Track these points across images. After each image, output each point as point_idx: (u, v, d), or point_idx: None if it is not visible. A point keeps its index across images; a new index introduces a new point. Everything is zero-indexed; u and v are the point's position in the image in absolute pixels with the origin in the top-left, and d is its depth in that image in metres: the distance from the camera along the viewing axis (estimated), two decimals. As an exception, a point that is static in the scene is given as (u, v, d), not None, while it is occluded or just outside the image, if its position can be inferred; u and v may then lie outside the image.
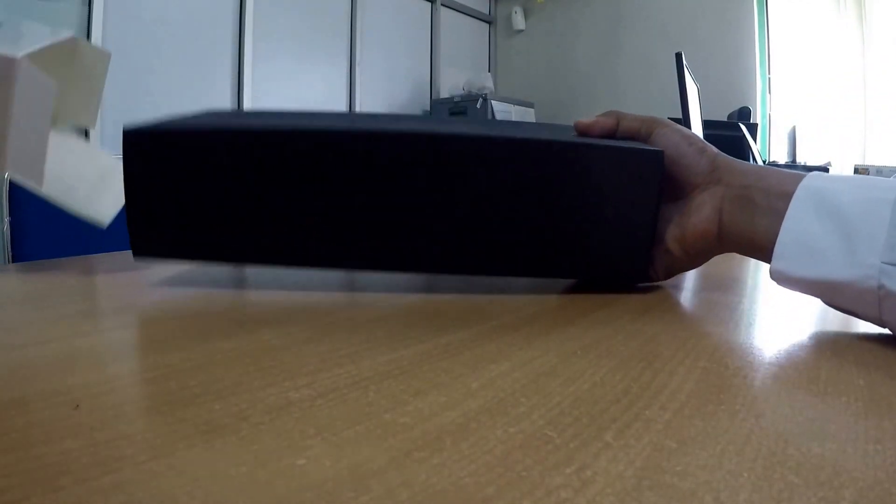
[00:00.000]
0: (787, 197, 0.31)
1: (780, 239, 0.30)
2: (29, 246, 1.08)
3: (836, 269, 0.28)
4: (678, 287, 0.42)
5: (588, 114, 0.41)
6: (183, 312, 0.32)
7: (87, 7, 2.02)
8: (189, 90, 2.40)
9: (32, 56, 0.36)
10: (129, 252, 0.37)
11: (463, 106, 3.40)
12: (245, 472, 0.15)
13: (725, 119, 2.55)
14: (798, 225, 0.30)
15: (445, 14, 3.71)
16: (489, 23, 4.09)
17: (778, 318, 0.34)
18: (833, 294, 0.30)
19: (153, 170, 0.36)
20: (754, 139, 2.20)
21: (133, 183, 0.36)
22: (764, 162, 2.41)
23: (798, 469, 0.15)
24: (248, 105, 2.63)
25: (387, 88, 3.38)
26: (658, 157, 0.36)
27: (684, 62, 1.33)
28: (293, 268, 0.39)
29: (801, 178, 0.31)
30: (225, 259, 0.38)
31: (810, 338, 0.29)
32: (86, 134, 2.05)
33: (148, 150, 0.36)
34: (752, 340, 0.28)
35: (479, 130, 0.37)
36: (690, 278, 0.46)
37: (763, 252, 0.32)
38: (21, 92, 0.34)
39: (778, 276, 0.31)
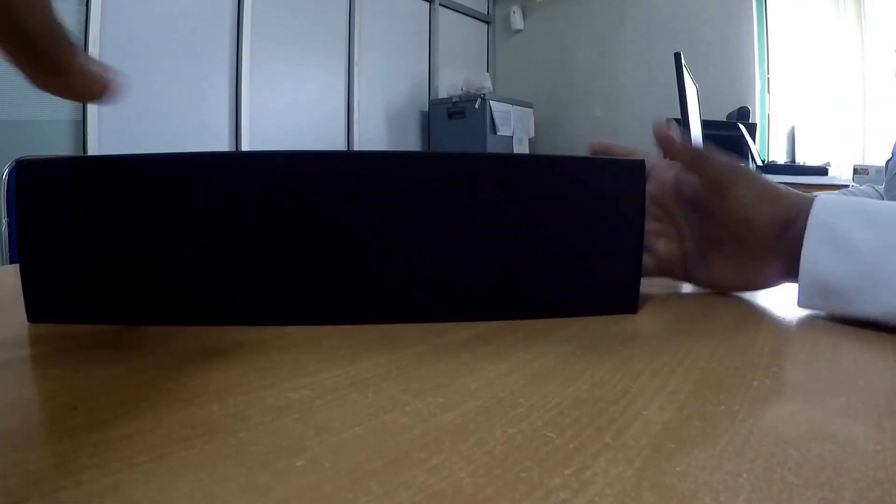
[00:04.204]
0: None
1: (801, 280, 0.32)
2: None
3: (860, 308, 0.30)
4: (677, 288, 0.42)
5: (586, 113, 0.40)
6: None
7: (84, 7, 2.02)
8: (186, 91, 2.39)
9: None
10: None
11: (461, 106, 3.40)
12: (243, 474, 0.15)
13: (724, 119, 2.55)
14: (816, 266, 0.31)
15: (444, 14, 3.71)
16: (487, 23, 4.08)
17: (777, 319, 0.34)
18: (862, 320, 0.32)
19: (48, 207, 0.29)
20: (753, 139, 2.21)
21: (26, 226, 0.29)
22: (763, 161, 2.41)
23: (798, 470, 0.15)
24: (246, 105, 2.62)
25: (385, 89, 3.38)
26: (639, 166, 0.32)
27: (683, 62, 1.33)
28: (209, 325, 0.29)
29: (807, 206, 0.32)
30: (135, 321, 0.29)
31: (810, 338, 0.29)
32: (83, 130, 2.05)
33: (44, 180, 0.29)
34: (750, 341, 0.28)
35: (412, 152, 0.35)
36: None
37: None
38: None
39: (808, 309, 0.33)
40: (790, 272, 0.34)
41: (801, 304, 0.33)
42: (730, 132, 2.15)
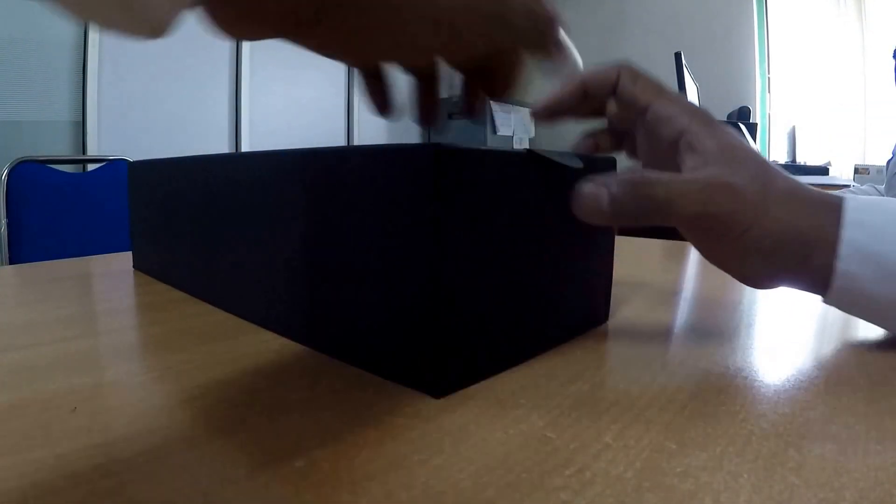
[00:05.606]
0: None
1: (834, 290, 0.26)
2: (26, 247, 1.08)
3: None
4: (677, 288, 0.42)
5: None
6: (182, 314, 0.32)
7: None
8: (186, 91, 2.40)
9: None
10: (126, 254, 0.37)
11: (462, 106, 3.40)
12: (244, 475, 0.15)
13: (725, 119, 2.55)
14: (854, 285, 0.26)
15: (444, 14, 3.71)
16: (488, 23, 4.08)
17: (778, 319, 0.34)
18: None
19: (145, 194, 0.43)
20: (754, 139, 2.21)
21: (133, 206, 0.45)
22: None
23: (798, 470, 0.15)
24: (246, 105, 2.63)
25: (386, 89, 3.38)
26: (428, 152, 0.20)
27: (683, 62, 1.33)
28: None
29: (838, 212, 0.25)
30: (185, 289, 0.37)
31: (810, 339, 0.29)
32: (83, 130, 2.05)
33: (141, 177, 0.43)
34: (752, 341, 0.28)
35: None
36: (690, 278, 0.46)
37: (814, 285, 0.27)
38: None
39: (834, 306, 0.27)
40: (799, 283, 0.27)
41: (826, 300, 0.27)
42: (730, 132, 2.15)
